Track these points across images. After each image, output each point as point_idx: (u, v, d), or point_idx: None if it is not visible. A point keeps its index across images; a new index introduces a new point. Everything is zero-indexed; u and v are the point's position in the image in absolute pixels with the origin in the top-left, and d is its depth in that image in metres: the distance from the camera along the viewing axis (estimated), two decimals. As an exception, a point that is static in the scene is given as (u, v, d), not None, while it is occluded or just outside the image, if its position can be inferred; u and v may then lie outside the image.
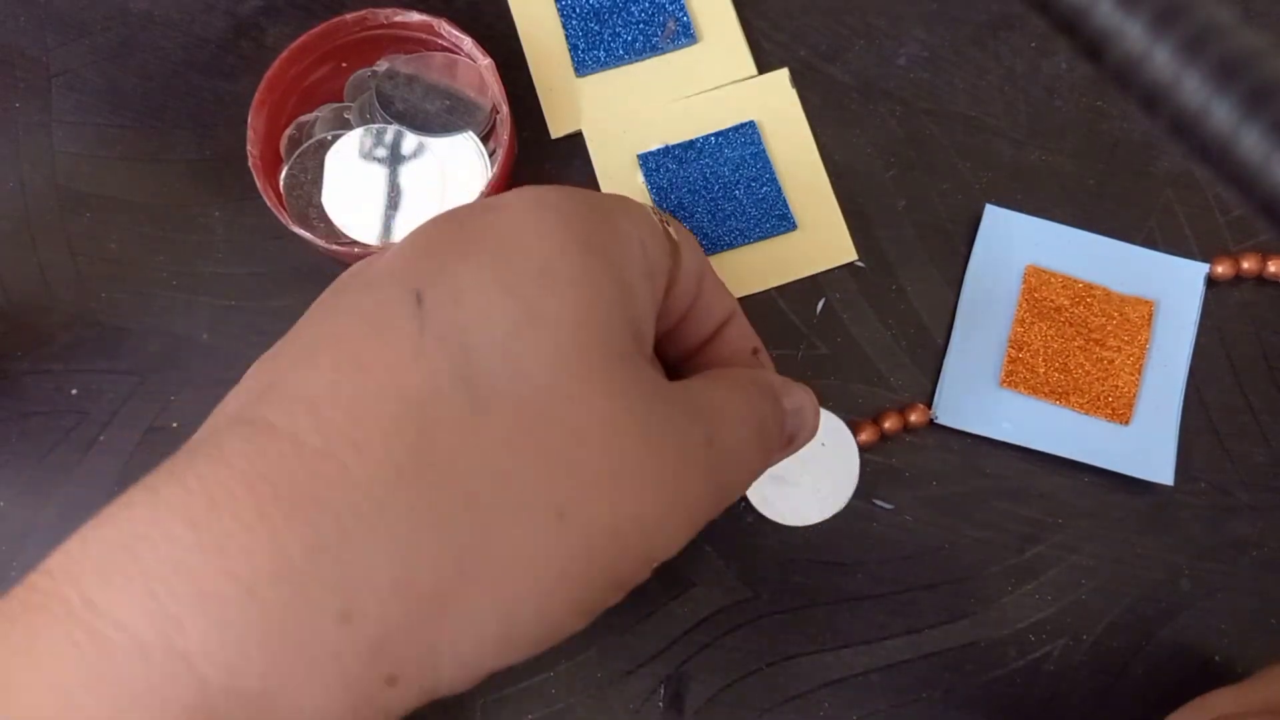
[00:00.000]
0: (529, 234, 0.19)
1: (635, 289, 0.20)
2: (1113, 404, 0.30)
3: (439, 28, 0.32)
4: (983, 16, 0.34)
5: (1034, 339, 0.30)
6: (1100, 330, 0.30)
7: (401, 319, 0.18)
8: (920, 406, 0.30)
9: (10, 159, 0.33)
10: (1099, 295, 0.30)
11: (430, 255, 0.20)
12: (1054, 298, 0.30)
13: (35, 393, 0.31)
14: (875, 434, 0.30)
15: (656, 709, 0.28)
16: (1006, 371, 0.30)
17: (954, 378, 0.30)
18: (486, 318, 0.18)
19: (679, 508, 0.20)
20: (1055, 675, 0.29)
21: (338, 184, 0.31)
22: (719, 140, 0.32)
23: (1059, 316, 0.30)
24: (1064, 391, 0.30)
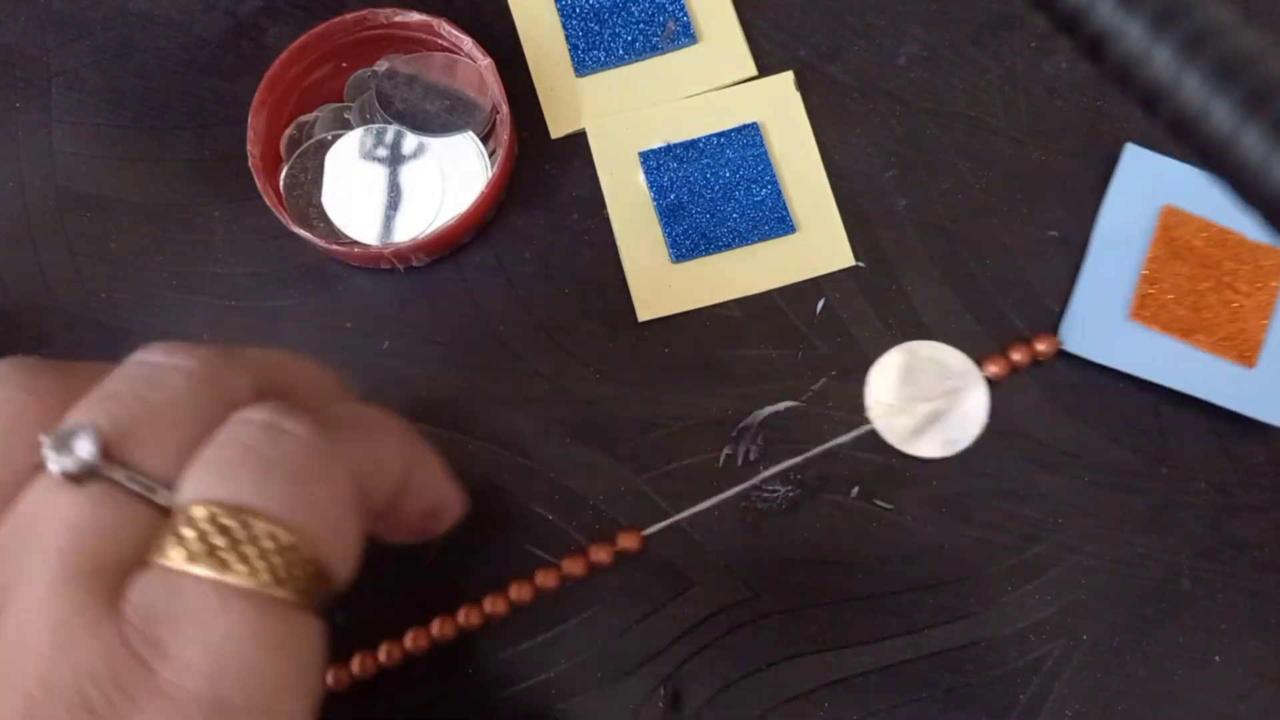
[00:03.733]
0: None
1: None
2: (1239, 346, 0.30)
3: (439, 28, 0.32)
4: (983, 16, 0.34)
5: (1166, 276, 0.31)
6: (1232, 274, 0.31)
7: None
8: (1048, 336, 0.31)
9: (10, 159, 0.33)
10: (1233, 240, 0.31)
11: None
12: (1189, 238, 0.31)
13: (35, 393, 0.31)
14: (1005, 366, 0.30)
15: (656, 709, 0.28)
16: (1138, 304, 0.31)
17: (1083, 307, 0.31)
18: None
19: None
20: (1055, 675, 0.29)
21: (338, 184, 0.31)
22: (721, 141, 0.32)
23: (1192, 257, 0.31)
24: (1191, 329, 0.30)
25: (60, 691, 0.15)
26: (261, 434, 0.18)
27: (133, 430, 0.17)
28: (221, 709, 0.16)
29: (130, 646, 0.16)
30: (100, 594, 0.16)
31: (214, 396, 0.19)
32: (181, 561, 0.17)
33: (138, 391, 0.18)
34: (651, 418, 0.30)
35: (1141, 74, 0.12)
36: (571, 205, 0.32)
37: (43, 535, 0.16)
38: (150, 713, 0.15)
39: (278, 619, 0.17)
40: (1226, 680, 0.29)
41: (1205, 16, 0.12)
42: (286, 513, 0.17)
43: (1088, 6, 0.13)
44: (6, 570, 0.16)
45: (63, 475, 0.17)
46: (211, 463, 0.18)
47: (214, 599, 0.16)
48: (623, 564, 0.29)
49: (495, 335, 0.31)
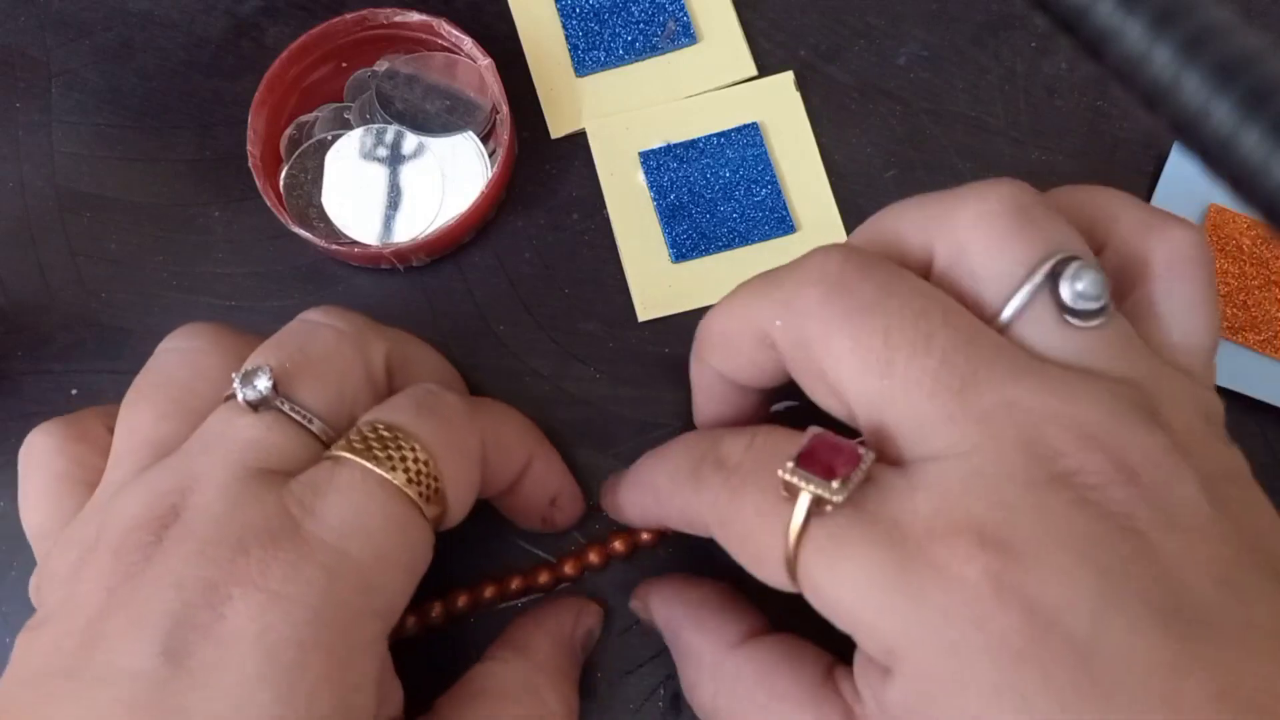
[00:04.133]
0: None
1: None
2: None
3: (439, 28, 0.32)
4: (983, 16, 0.34)
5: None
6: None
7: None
8: None
9: (10, 159, 0.33)
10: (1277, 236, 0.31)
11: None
12: (1237, 237, 0.31)
13: (35, 393, 0.31)
14: None
15: (657, 709, 0.28)
16: None
17: None
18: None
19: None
20: (1055, 675, 0.29)
21: (338, 184, 0.31)
22: (721, 140, 0.32)
23: (1240, 255, 0.31)
24: (1240, 327, 0.30)
25: (224, 539, 0.20)
26: (424, 392, 0.24)
27: (295, 373, 0.22)
28: (340, 557, 0.20)
29: (286, 509, 0.20)
30: (266, 481, 0.21)
31: (356, 352, 0.24)
32: (345, 451, 0.22)
33: (299, 343, 0.23)
34: (651, 418, 0.30)
35: (1141, 74, 0.12)
36: (571, 205, 0.32)
37: (225, 444, 0.21)
38: (287, 550, 0.20)
39: (402, 507, 0.21)
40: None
41: (1205, 16, 0.12)
42: (430, 440, 0.22)
43: (1088, 6, 0.13)
44: (193, 466, 0.21)
45: (245, 402, 0.22)
46: (387, 403, 0.23)
47: (359, 479, 0.21)
48: (623, 564, 0.29)
49: (495, 335, 0.31)
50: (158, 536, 0.20)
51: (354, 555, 0.20)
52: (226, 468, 0.21)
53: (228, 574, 0.19)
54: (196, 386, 0.23)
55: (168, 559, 0.20)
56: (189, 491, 0.21)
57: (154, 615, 0.19)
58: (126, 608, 0.19)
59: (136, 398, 0.23)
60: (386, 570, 0.21)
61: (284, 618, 0.19)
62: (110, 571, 0.20)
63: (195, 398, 0.23)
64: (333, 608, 0.20)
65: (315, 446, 0.22)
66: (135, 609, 0.19)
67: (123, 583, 0.20)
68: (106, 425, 0.24)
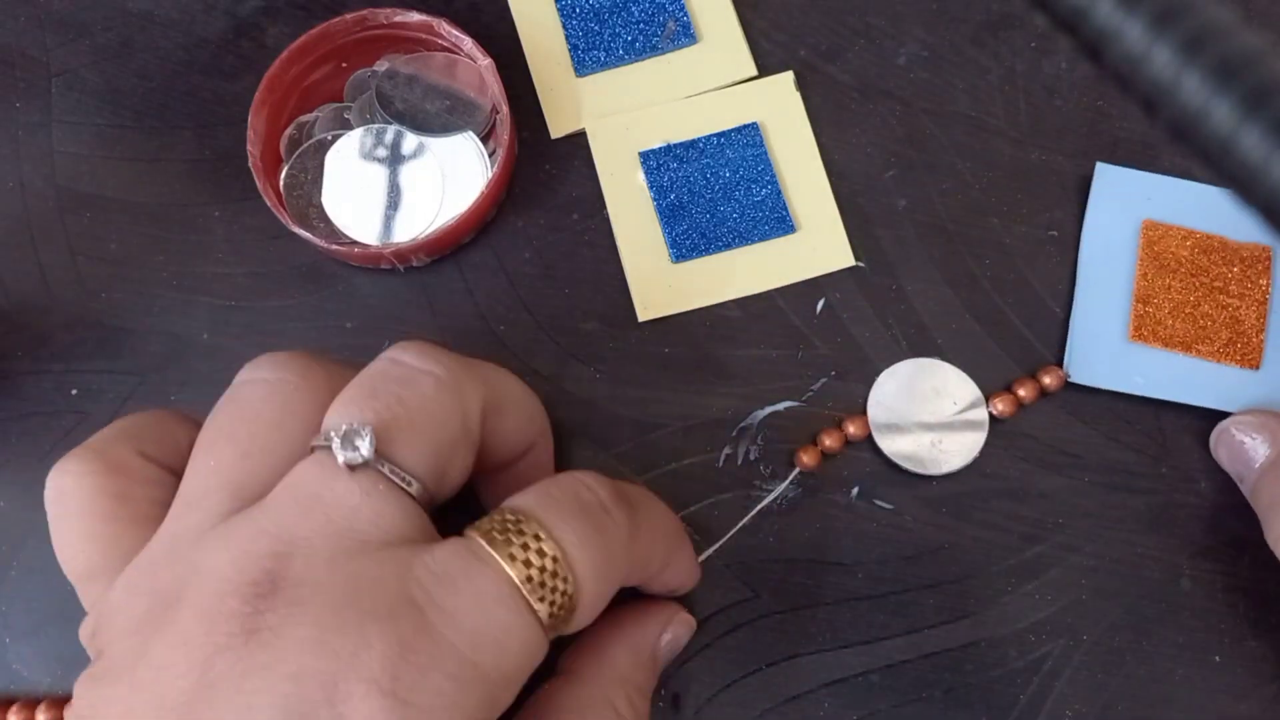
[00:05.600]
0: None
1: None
2: (1241, 350, 0.30)
3: (439, 28, 0.32)
4: (983, 16, 0.34)
5: (1158, 291, 0.31)
6: (1222, 278, 0.31)
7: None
8: (1054, 368, 0.30)
9: (10, 159, 0.33)
10: (1217, 244, 0.31)
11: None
12: (1174, 249, 0.31)
13: (35, 393, 0.31)
14: (1013, 405, 0.30)
15: (657, 709, 0.28)
16: (1134, 325, 0.31)
17: (1082, 336, 0.31)
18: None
19: None
20: (1055, 675, 0.29)
21: (338, 184, 0.31)
22: (721, 141, 0.32)
23: (1180, 268, 0.31)
24: (1192, 341, 0.30)
25: (345, 627, 0.18)
26: (596, 506, 0.22)
27: (394, 429, 0.21)
28: (471, 669, 0.19)
29: (411, 597, 0.19)
30: (378, 558, 0.19)
31: (455, 402, 0.22)
32: (488, 544, 0.20)
33: (397, 393, 0.21)
34: (651, 418, 0.30)
35: (1141, 74, 0.12)
36: (571, 205, 0.32)
37: (325, 510, 0.19)
38: (416, 652, 0.18)
39: (534, 628, 0.20)
40: (1226, 680, 0.29)
41: (1205, 16, 0.12)
42: (583, 568, 0.20)
43: (1088, 6, 0.13)
44: (288, 529, 0.19)
45: (346, 465, 0.20)
46: (550, 496, 0.21)
47: (505, 589, 0.19)
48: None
49: (495, 335, 0.31)
50: (255, 608, 0.18)
51: (485, 669, 0.19)
52: (329, 538, 0.19)
53: (349, 668, 0.18)
54: (284, 426, 0.21)
55: (279, 641, 0.18)
56: (288, 559, 0.19)
57: (267, 708, 0.17)
58: (231, 694, 0.18)
59: (217, 432, 0.22)
60: (509, 688, 0.20)
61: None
62: (201, 641, 0.18)
63: (282, 438, 0.21)
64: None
65: (415, 511, 0.21)
66: (244, 696, 0.18)
67: (218, 657, 0.18)
68: (138, 450, 0.22)
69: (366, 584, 0.19)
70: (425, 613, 0.19)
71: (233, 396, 0.22)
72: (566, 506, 0.21)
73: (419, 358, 0.22)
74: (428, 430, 0.21)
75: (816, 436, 0.30)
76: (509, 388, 0.25)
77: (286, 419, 0.21)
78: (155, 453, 0.23)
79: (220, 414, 0.22)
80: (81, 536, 0.21)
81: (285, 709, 0.17)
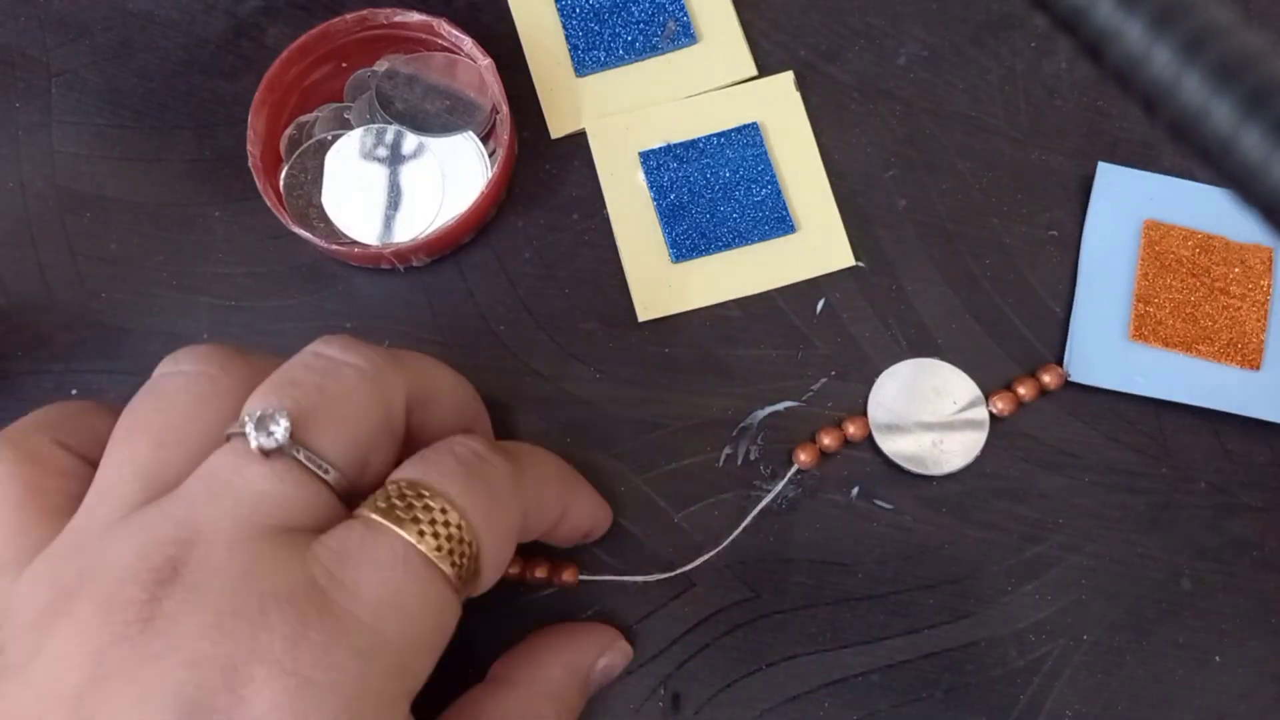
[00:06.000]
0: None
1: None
2: (1242, 351, 0.30)
3: (439, 28, 0.32)
4: (983, 16, 0.34)
5: (1158, 291, 0.31)
6: (1223, 279, 0.31)
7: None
8: (1054, 367, 0.30)
9: (10, 159, 0.33)
10: (1218, 245, 0.31)
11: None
12: (1175, 250, 0.31)
13: (35, 393, 0.31)
14: (1012, 403, 0.30)
15: (656, 709, 0.28)
16: (1135, 325, 0.31)
17: (1082, 336, 0.31)
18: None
19: None
20: (1055, 675, 0.29)
21: (338, 184, 0.31)
22: (721, 141, 0.32)
23: (1181, 268, 0.31)
24: (1192, 341, 0.30)
25: (243, 610, 0.18)
26: (471, 455, 0.22)
27: (313, 417, 0.20)
28: (375, 639, 0.18)
29: (312, 578, 0.18)
30: (284, 542, 0.19)
31: (377, 394, 0.22)
32: (381, 517, 0.20)
33: (317, 382, 0.21)
34: (651, 418, 0.30)
35: (1141, 74, 0.12)
36: (571, 205, 0.32)
37: (233, 494, 0.19)
38: (318, 629, 0.18)
39: (440, 588, 0.20)
40: (1226, 680, 0.29)
41: (1205, 16, 0.12)
42: (475, 517, 0.20)
43: (1088, 6, 0.13)
44: (195, 516, 0.19)
45: (259, 449, 0.19)
46: (428, 460, 0.21)
47: (399, 553, 0.19)
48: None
49: (495, 335, 0.31)
50: (153, 595, 0.18)
51: (390, 638, 0.19)
52: (236, 523, 0.19)
53: (248, 651, 0.17)
54: (201, 416, 0.21)
55: (176, 628, 0.18)
56: (191, 545, 0.18)
57: (162, 697, 0.17)
58: (125, 683, 0.17)
59: (133, 423, 0.21)
60: (420, 653, 0.20)
61: (315, 706, 0.17)
62: (96, 631, 0.18)
63: (199, 428, 0.21)
64: (366, 695, 0.18)
65: (329, 499, 0.20)
66: (138, 686, 0.17)
67: (113, 648, 0.17)
68: (55, 440, 0.22)
69: (267, 567, 0.18)
70: (326, 591, 0.18)
71: (151, 388, 0.22)
72: (444, 464, 0.21)
73: (342, 350, 0.22)
74: (348, 419, 0.21)
75: (815, 435, 0.30)
76: (437, 378, 0.25)
77: (204, 410, 0.21)
78: (74, 443, 0.22)
79: (137, 405, 0.21)
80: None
81: (182, 697, 0.17)
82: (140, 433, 0.21)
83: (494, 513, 0.21)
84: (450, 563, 0.20)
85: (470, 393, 0.26)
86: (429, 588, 0.20)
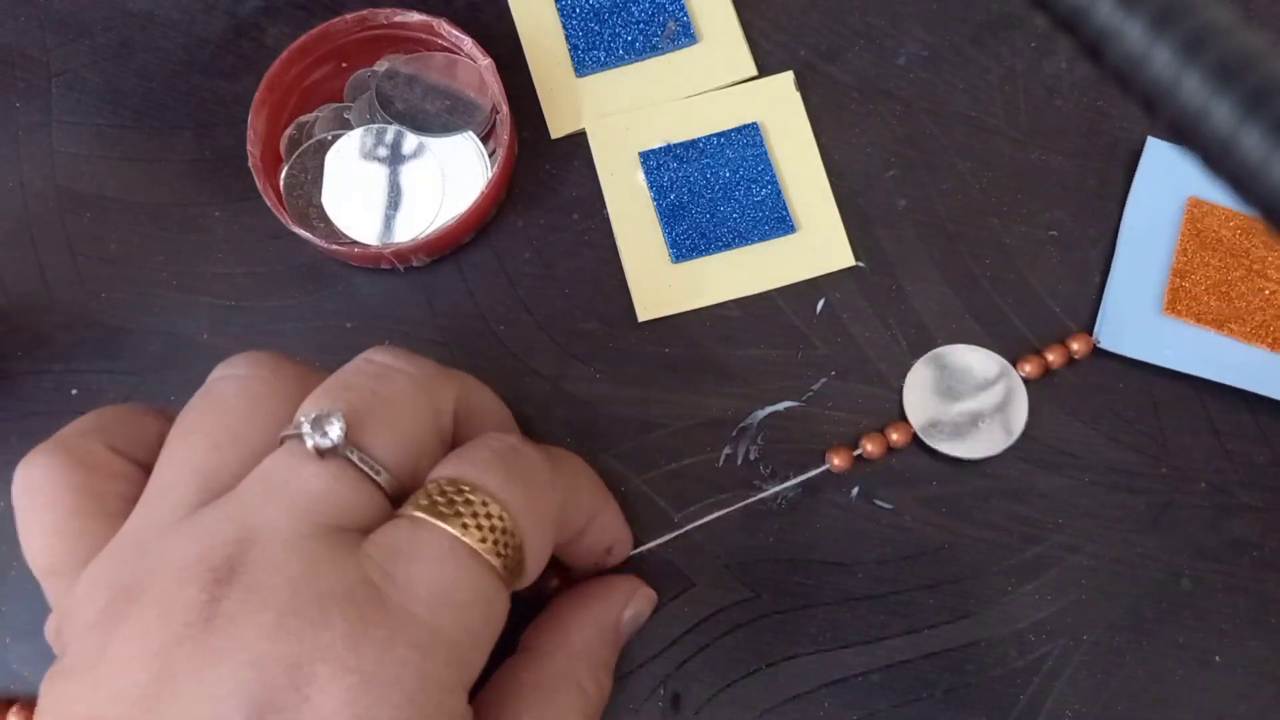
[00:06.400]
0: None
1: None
2: (1274, 334, 0.30)
3: (439, 28, 0.32)
4: (983, 16, 0.34)
5: (1196, 268, 0.31)
6: (1261, 262, 0.31)
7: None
8: (1083, 335, 0.31)
9: (10, 159, 0.33)
10: (1261, 228, 0.31)
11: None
12: (1216, 229, 0.31)
13: (35, 393, 0.31)
14: (1040, 366, 0.30)
15: (657, 709, 0.28)
16: (1169, 298, 0.31)
17: (1116, 305, 0.31)
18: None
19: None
20: (1055, 675, 0.29)
21: (338, 184, 0.31)
22: (721, 141, 0.32)
23: (1221, 247, 0.31)
24: (1224, 319, 0.31)
25: (303, 609, 0.18)
26: (507, 449, 0.22)
27: (366, 420, 0.21)
28: (432, 632, 0.19)
29: (366, 576, 0.19)
30: (339, 542, 0.19)
31: (428, 400, 0.22)
32: (426, 514, 0.20)
33: (371, 386, 0.21)
34: (651, 418, 0.30)
35: (1141, 74, 0.12)
36: (571, 205, 0.32)
37: (289, 495, 0.19)
38: (377, 625, 0.18)
39: (490, 580, 0.20)
40: (1226, 680, 0.29)
41: (1205, 16, 0.12)
42: (515, 507, 0.21)
43: (1088, 6, 0.13)
44: (252, 516, 0.19)
45: (313, 449, 0.20)
46: (466, 457, 0.21)
47: (447, 547, 0.20)
48: (621, 564, 0.29)
49: (495, 335, 0.31)
50: (214, 596, 0.18)
51: (446, 631, 0.19)
52: (293, 522, 0.19)
53: (311, 650, 0.18)
54: (256, 418, 0.21)
55: (238, 629, 0.18)
56: (249, 544, 0.19)
57: (230, 697, 0.17)
58: (191, 684, 0.17)
59: (188, 425, 0.21)
60: (475, 644, 0.20)
61: (379, 701, 0.18)
62: (159, 632, 0.18)
63: (254, 430, 0.21)
64: (427, 688, 0.18)
65: (381, 501, 0.21)
66: (204, 687, 0.17)
67: (177, 648, 0.18)
68: (107, 444, 0.22)
69: (324, 566, 0.19)
70: (381, 588, 0.19)
71: (206, 392, 0.22)
72: (483, 458, 0.21)
73: (394, 358, 0.22)
74: (400, 422, 0.21)
75: (858, 440, 0.30)
76: (480, 394, 0.25)
77: (259, 413, 0.21)
78: (126, 447, 0.22)
79: (192, 408, 0.22)
80: (47, 531, 0.21)
81: (249, 696, 0.17)
82: (196, 434, 0.21)
83: (534, 503, 0.21)
84: (496, 554, 0.20)
85: (507, 414, 0.27)
86: (479, 580, 0.20)
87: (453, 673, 0.19)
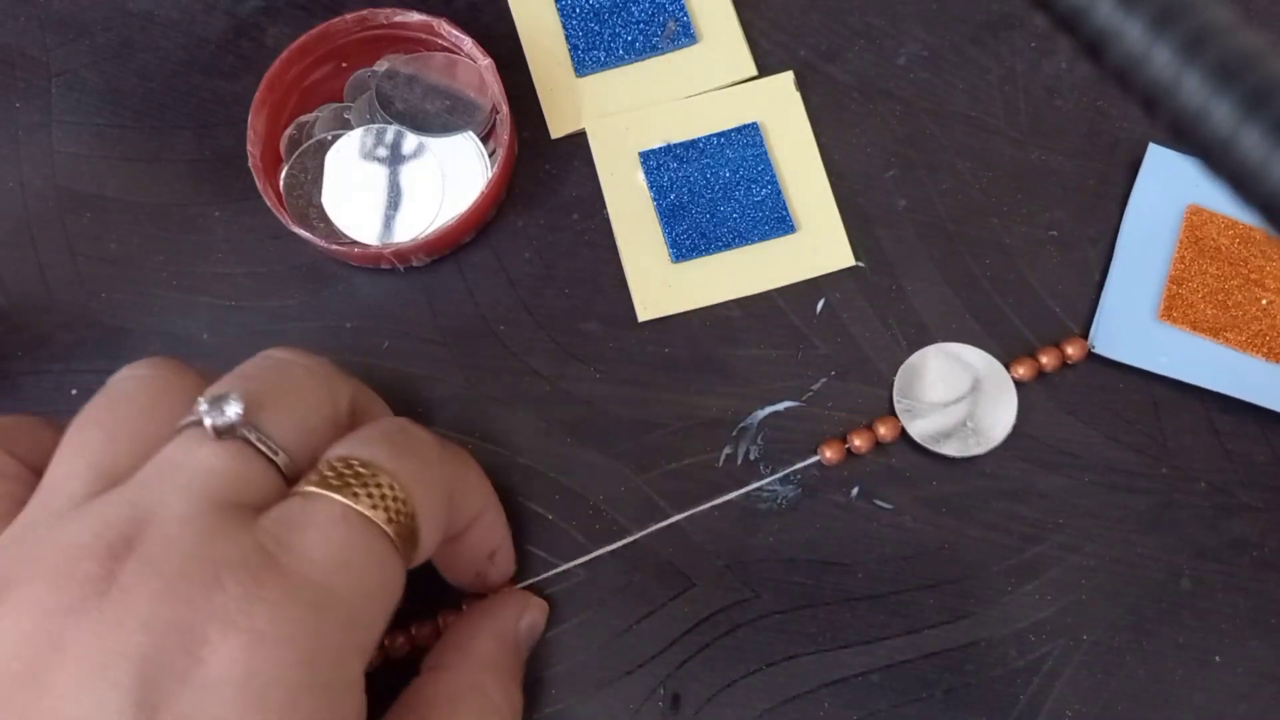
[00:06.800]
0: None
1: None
2: (1269, 343, 0.30)
3: (439, 28, 0.32)
4: (983, 16, 0.34)
5: (1193, 275, 0.31)
6: (1259, 271, 0.31)
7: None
8: (1079, 340, 0.31)
9: (10, 159, 0.33)
10: (1259, 237, 0.31)
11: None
12: (1215, 237, 0.31)
13: (35, 393, 0.31)
14: (1033, 369, 0.30)
15: (656, 709, 0.28)
16: (1165, 305, 0.31)
17: (1112, 310, 0.31)
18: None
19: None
20: (1055, 675, 0.29)
21: (338, 184, 0.31)
22: (721, 141, 0.32)
23: (1219, 256, 0.31)
24: (1220, 328, 0.31)
25: (196, 575, 0.18)
26: (395, 427, 0.23)
27: (263, 403, 0.21)
28: (325, 594, 0.19)
29: (260, 545, 0.19)
30: (233, 516, 0.19)
31: (325, 391, 0.23)
32: (318, 488, 0.20)
33: (268, 375, 0.22)
34: (651, 418, 0.30)
35: (1141, 74, 0.12)
36: (571, 205, 0.32)
37: (186, 473, 0.20)
38: (270, 588, 0.19)
39: (383, 545, 0.21)
40: (1226, 680, 0.29)
41: (1205, 16, 0.12)
42: (405, 478, 0.21)
43: (1088, 6, 0.13)
44: (149, 497, 0.19)
45: (212, 428, 0.20)
46: (355, 437, 0.22)
47: (339, 515, 0.20)
48: (622, 564, 0.29)
49: (495, 335, 0.31)
50: (108, 570, 0.18)
51: (340, 592, 0.19)
52: (188, 499, 0.19)
53: (204, 613, 0.18)
54: (155, 412, 0.21)
55: (128, 596, 0.18)
56: (145, 523, 0.19)
57: (119, 660, 0.17)
58: (80, 652, 0.17)
59: (85, 420, 0.21)
60: (370, 607, 0.20)
61: (271, 660, 0.18)
62: (49, 607, 0.18)
63: (151, 423, 0.21)
64: (321, 648, 0.19)
65: (278, 481, 0.21)
66: (93, 654, 0.17)
67: (68, 619, 0.18)
68: (3, 448, 0.22)
69: (219, 537, 0.19)
70: (275, 554, 0.19)
71: (105, 390, 0.22)
72: (372, 435, 0.22)
73: (292, 353, 0.23)
74: (297, 408, 0.22)
75: (846, 435, 0.30)
76: (376, 405, 0.26)
77: (157, 406, 0.22)
78: (19, 451, 0.22)
79: (90, 405, 0.22)
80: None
81: (141, 659, 0.17)
82: (92, 429, 0.21)
83: (424, 475, 0.22)
84: (388, 520, 0.21)
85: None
86: (371, 544, 0.20)
87: (348, 635, 0.20)
